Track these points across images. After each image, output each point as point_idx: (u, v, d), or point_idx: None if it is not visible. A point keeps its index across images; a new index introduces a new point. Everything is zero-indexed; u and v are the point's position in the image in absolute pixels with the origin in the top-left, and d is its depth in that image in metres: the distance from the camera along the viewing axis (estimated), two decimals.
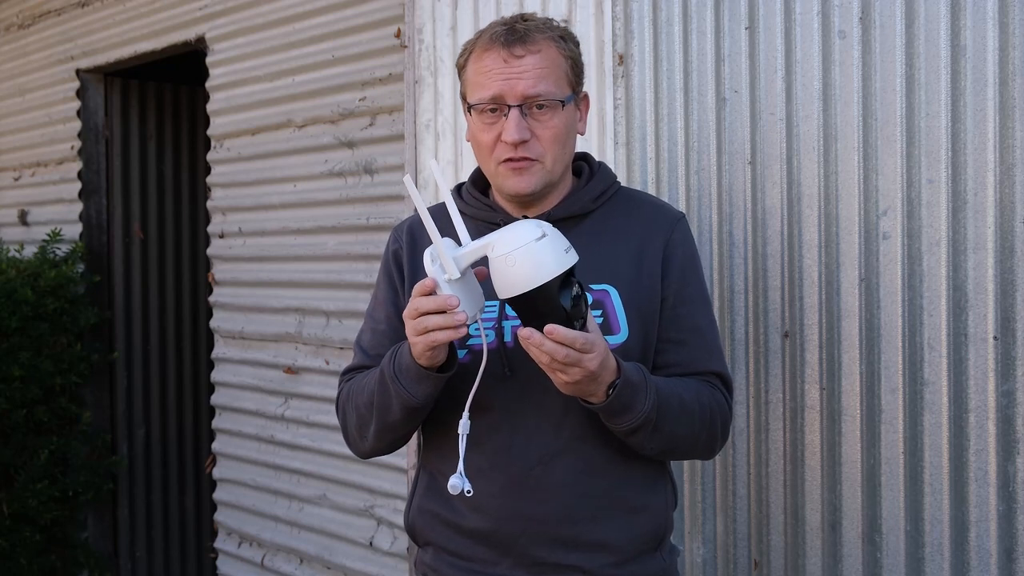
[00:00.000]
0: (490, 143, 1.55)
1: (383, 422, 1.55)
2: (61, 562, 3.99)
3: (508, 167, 1.55)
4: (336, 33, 3.07)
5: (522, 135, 1.52)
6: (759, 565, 2.04)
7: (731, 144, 2.04)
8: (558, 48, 1.55)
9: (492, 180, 1.61)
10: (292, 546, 3.27)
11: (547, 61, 1.53)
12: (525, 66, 1.52)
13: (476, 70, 1.56)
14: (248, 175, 3.41)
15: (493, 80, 1.52)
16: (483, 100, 1.54)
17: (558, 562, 1.54)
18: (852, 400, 1.90)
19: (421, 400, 1.49)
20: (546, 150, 1.55)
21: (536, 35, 1.54)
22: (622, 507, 1.57)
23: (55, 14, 4.22)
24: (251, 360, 3.44)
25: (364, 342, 1.68)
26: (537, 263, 1.34)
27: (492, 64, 1.53)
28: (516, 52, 1.52)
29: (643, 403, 1.46)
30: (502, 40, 1.53)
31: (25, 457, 3.82)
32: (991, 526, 1.76)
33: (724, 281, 2.05)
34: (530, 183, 1.55)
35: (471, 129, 1.60)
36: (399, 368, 1.48)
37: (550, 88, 1.53)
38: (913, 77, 1.81)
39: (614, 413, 1.45)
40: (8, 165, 4.51)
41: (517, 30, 1.54)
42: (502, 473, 1.54)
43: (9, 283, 3.77)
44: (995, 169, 1.73)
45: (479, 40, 1.57)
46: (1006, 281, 1.73)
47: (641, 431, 1.48)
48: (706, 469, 2.10)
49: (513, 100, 1.52)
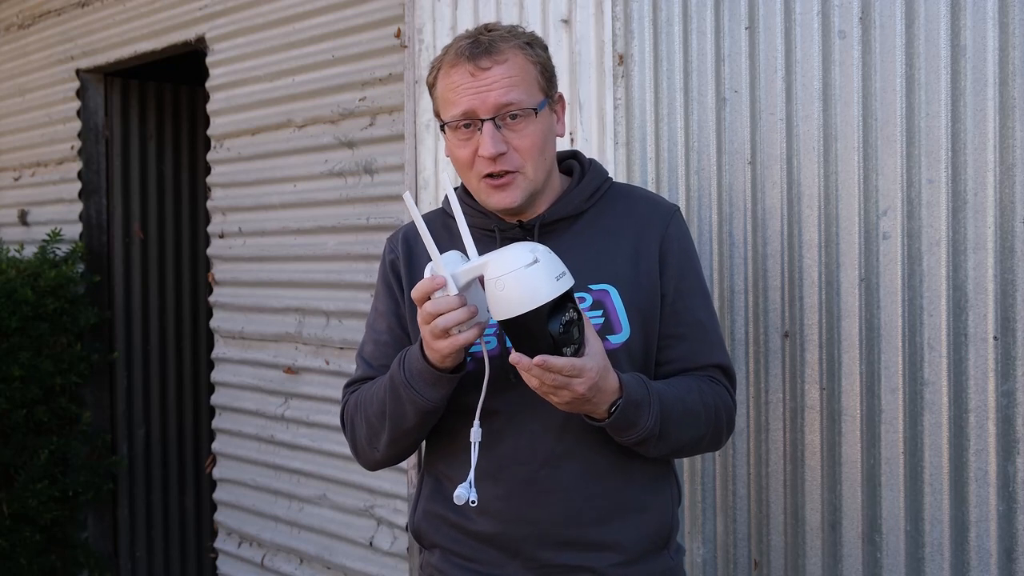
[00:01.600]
0: (468, 159, 1.54)
1: (397, 430, 1.54)
2: (61, 562, 3.99)
3: (489, 184, 1.54)
4: (336, 33, 3.06)
5: (498, 148, 1.50)
6: (759, 565, 2.04)
7: (731, 144, 2.04)
8: (525, 55, 1.54)
9: (476, 196, 1.60)
10: (292, 546, 3.27)
11: (515, 69, 1.52)
12: (493, 77, 1.50)
13: (445, 87, 1.55)
14: (248, 175, 3.41)
15: (462, 96, 1.51)
16: (455, 117, 1.53)
17: (566, 563, 1.55)
18: (852, 400, 1.89)
19: (437, 403, 1.49)
20: (525, 160, 1.53)
21: (501, 44, 1.52)
22: (628, 507, 1.57)
23: (55, 14, 4.22)
24: (251, 360, 3.44)
25: (367, 353, 1.67)
26: (526, 289, 1.33)
27: (460, 79, 1.52)
28: (482, 64, 1.51)
29: (646, 419, 1.46)
30: (467, 54, 1.52)
31: (25, 457, 3.82)
32: (991, 526, 1.75)
33: (724, 281, 2.05)
34: (514, 197, 1.54)
35: (448, 145, 1.59)
36: (411, 374, 1.48)
37: (521, 97, 1.52)
38: (913, 77, 1.81)
39: (619, 429, 1.46)
40: (8, 165, 4.51)
41: (481, 42, 1.52)
42: (507, 477, 1.54)
43: (9, 283, 3.77)
44: (995, 169, 1.73)
45: (445, 56, 1.56)
46: (1006, 281, 1.73)
47: (647, 443, 1.49)
48: (706, 469, 2.11)
49: (485, 113, 1.51)
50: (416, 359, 1.47)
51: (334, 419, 3.08)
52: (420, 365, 1.46)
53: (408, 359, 1.49)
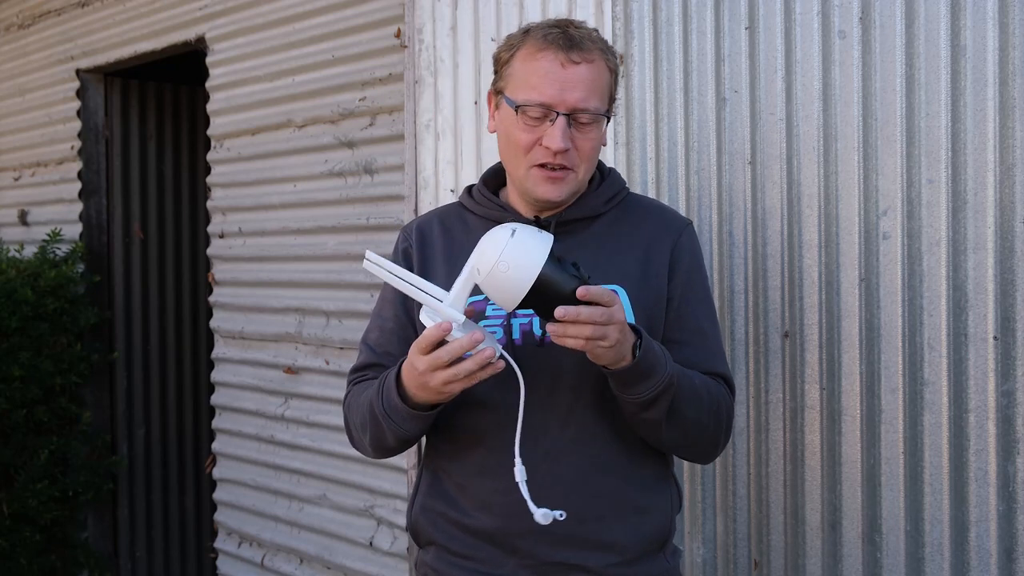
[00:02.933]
0: (528, 144, 1.54)
1: (379, 445, 1.59)
2: (61, 562, 3.99)
3: (542, 174, 1.54)
4: (336, 33, 3.06)
5: (566, 144, 1.51)
6: (759, 565, 2.04)
7: (731, 144, 2.04)
8: (606, 61, 1.55)
9: (520, 181, 1.59)
10: (292, 546, 3.27)
11: (597, 73, 1.53)
12: (580, 76, 1.51)
13: (528, 69, 1.52)
14: (248, 175, 3.41)
15: (547, 84, 1.50)
16: (531, 102, 1.51)
17: (564, 561, 1.55)
18: (852, 400, 1.89)
19: (415, 434, 1.53)
20: (582, 161, 1.55)
21: (589, 44, 1.53)
22: (628, 507, 1.57)
23: (55, 14, 4.22)
24: (251, 360, 3.44)
25: (371, 340, 1.68)
26: (524, 255, 1.34)
27: (548, 66, 1.51)
28: (574, 58, 1.51)
29: (663, 366, 1.46)
30: (560, 43, 1.51)
31: (25, 457, 3.82)
32: (991, 526, 1.75)
33: (724, 281, 2.05)
34: (562, 192, 1.56)
35: (504, 124, 1.57)
36: (389, 407, 1.51)
37: (597, 102, 1.53)
38: (913, 77, 1.81)
39: (639, 377, 1.44)
40: (8, 165, 4.51)
41: (572, 36, 1.52)
42: (508, 472, 1.54)
43: (9, 283, 3.77)
44: (995, 169, 1.73)
45: (529, 38, 1.54)
46: (1006, 281, 1.73)
47: (662, 400, 1.46)
48: (706, 469, 2.10)
49: (563, 108, 1.51)
50: (393, 394, 1.49)
51: (334, 419, 3.09)
52: (396, 402, 1.49)
53: (386, 391, 1.51)
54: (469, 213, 1.68)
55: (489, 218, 1.63)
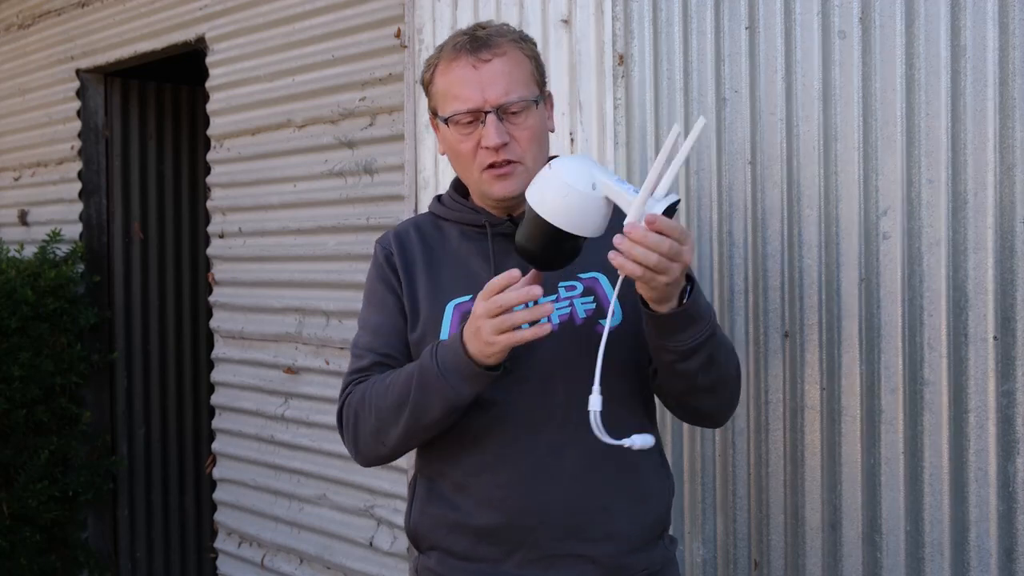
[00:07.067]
0: (470, 152, 1.57)
1: (417, 423, 1.51)
2: (61, 562, 3.99)
3: (491, 174, 1.57)
4: (336, 33, 3.06)
5: (503, 138, 1.54)
6: (759, 565, 2.04)
7: (731, 144, 2.04)
8: (520, 49, 1.58)
9: (475, 188, 1.63)
10: (292, 546, 3.27)
11: (512, 63, 1.56)
12: (495, 71, 1.54)
13: (447, 82, 1.57)
14: (248, 175, 3.41)
15: (467, 89, 1.54)
16: (459, 111, 1.55)
17: (569, 552, 1.55)
18: (852, 400, 1.89)
19: (468, 398, 1.47)
20: (525, 151, 1.57)
21: (498, 39, 1.57)
22: (629, 495, 1.59)
23: (55, 14, 4.22)
24: (251, 360, 3.44)
25: (364, 343, 1.67)
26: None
27: (462, 73, 1.55)
28: (483, 57, 1.54)
29: (709, 315, 1.46)
30: (468, 47, 1.55)
31: (25, 457, 3.82)
32: (991, 526, 1.75)
33: (724, 281, 2.05)
34: (514, 186, 1.57)
35: (447, 142, 1.61)
36: (445, 366, 1.45)
37: (521, 89, 1.56)
38: (913, 77, 1.81)
39: (687, 322, 1.43)
40: (8, 165, 4.51)
41: (479, 37, 1.57)
42: (512, 466, 1.54)
43: (9, 283, 3.77)
44: (995, 169, 1.73)
45: (443, 53, 1.59)
46: (1006, 281, 1.73)
47: (703, 350, 1.45)
48: (706, 469, 2.10)
49: (488, 105, 1.54)
50: (454, 351, 1.45)
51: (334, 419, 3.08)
52: (459, 359, 1.44)
53: (443, 351, 1.47)
54: (442, 220, 1.70)
55: (463, 222, 1.65)
